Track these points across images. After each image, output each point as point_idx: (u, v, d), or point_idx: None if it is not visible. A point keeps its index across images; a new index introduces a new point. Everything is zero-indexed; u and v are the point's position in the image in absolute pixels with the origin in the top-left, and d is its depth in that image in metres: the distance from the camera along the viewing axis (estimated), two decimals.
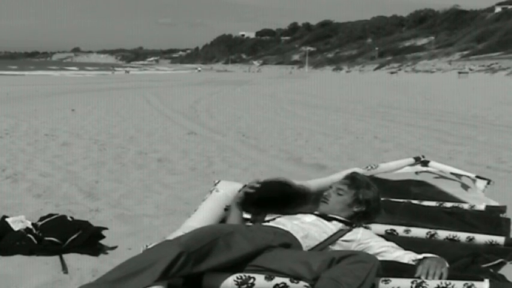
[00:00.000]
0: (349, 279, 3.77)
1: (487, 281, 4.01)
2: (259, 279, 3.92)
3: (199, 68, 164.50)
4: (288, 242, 4.25)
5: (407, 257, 4.35)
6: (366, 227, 4.82)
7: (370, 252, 4.38)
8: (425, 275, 4.04)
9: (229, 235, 4.07)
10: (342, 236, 4.50)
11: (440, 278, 4.00)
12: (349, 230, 4.57)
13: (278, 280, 3.92)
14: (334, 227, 4.55)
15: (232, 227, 4.29)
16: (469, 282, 3.98)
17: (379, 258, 4.17)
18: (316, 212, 4.66)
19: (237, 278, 3.93)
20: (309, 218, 4.56)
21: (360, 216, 4.74)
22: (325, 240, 4.44)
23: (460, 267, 4.40)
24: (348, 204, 4.70)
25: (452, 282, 4.00)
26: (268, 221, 4.57)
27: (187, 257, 3.73)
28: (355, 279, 3.78)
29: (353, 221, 4.69)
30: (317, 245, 4.39)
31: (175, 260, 3.69)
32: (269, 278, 3.92)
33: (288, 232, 4.35)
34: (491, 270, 4.44)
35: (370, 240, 4.55)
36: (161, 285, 3.65)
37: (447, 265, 4.14)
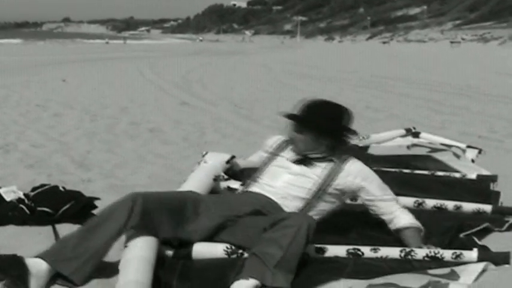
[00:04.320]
0: (270, 250, 3.66)
1: (475, 249, 4.06)
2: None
3: (201, 38, 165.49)
4: (259, 208, 4.18)
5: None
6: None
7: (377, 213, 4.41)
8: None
9: (197, 204, 4.16)
10: (329, 185, 4.32)
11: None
12: (335, 169, 4.34)
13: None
14: (317, 172, 4.34)
15: (202, 197, 4.36)
16: (458, 251, 4.03)
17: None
18: (297, 158, 4.41)
19: (226, 248, 4.00)
20: (292, 169, 4.38)
21: (336, 144, 4.40)
22: (312, 198, 4.30)
23: (445, 241, 4.43)
24: (312, 140, 4.35)
25: (441, 251, 4.04)
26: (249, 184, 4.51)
27: (143, 206, 3.91)
28: (277, 250, 3.66)
29: (335, 154, 4.40)
30: (305, 206, 4.29)
31: (132, 207, 3.89)
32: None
33: (263, 197, 4.29)
34: (476, 240, 4.46)
35: (375, 197, 4.40)
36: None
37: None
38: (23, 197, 5.23)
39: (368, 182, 4.38)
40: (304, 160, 4.37)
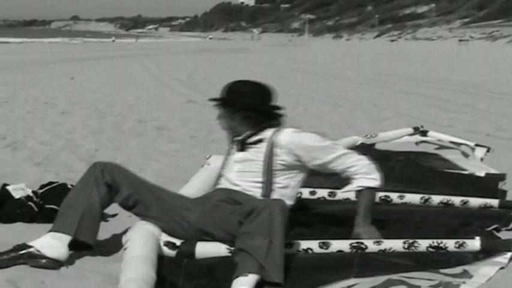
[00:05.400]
0: (255, 242, 3.69)
1: (478, 238, 4.06)
2: None
3: (211, 36, 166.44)
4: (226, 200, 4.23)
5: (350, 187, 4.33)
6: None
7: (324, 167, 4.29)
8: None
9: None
10: (273, 163, 4.24)
11: None
12: (269, 146, 4.25)
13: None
14: (257, 153, 4.29)
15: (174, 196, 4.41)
16: (461, 240, 4.03)
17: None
18: (238, 144, 4.38)
19: (230, 246, 3.99)
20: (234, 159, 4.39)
21: (256, 117, 4.31)
22: (266, 179, 4.25)
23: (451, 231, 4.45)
24: (229, 117, 4.39)
25: (444, 240, 4.04)
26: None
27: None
28: (261, 239, 3.68)
29: (260, 127, 4.32)
30: (264, 187, 4.26)
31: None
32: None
33: (227, 191, 4.30)
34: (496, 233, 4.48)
35: (321, 162, 4.25)
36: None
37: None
38: (31, 194, 5.25)
39: (306, 151, 4.24)
40: (242, 145, 4.36)
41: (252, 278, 3.59)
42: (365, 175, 4.26)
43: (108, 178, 4.18)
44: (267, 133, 4.29)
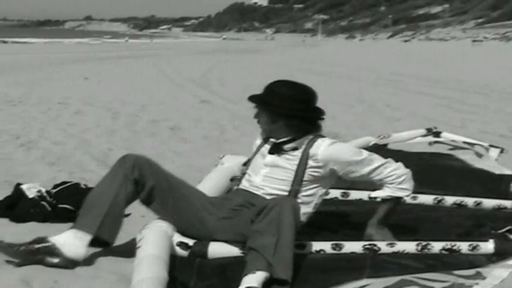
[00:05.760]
0: (264, 240, 3.66)
1: (491, 241, 4.06)
2: None
3: (224, 36, 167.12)
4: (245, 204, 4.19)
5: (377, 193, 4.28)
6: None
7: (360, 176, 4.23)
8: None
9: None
10: (303, 173, 4.16)
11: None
12: (304, 156, 4.16)
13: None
14: (289, 161, 4.19)
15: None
16: (474, 243, 4.03)
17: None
18: (270, 146, 4.29)
19: (242, 246, 3.98)
20: (265, 162, 4.29)
21: (298, 125, 4.18)
22: (292, 188, 4.17)
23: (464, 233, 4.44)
24: (269, 121, 4.22)
25: (458, 243, 4.04)
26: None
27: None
28: (270, 237, 3.66)
29: (304, 137, 4.20)
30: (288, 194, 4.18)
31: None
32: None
33: (248, 195, 4.25)
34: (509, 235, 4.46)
35: (356, 175, 4.19)
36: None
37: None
38: (45, 194, 5.27)
39: (342, 166, 4.17)
40: (275, 148, 4.25)
41: (260, 275, 3.58)
42: (398, 185, 4.20)
43: (136, 174, 4.14)
44: (304, 141, 4.20)
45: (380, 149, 6.78)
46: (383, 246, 4.04)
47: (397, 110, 13.01)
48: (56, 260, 3.98)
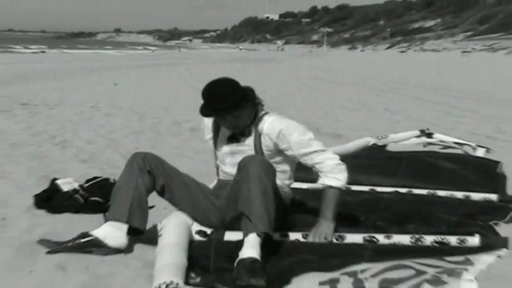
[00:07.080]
0: (241, 202, 3.71)
1: (477, 235, 4.04)
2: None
3: (241, 47, 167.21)
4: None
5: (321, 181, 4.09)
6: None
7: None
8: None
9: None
10: (262, 151, 4.11)
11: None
12: (255, 135, 4.14)
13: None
14: (248, 143, 4.17)
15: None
16: (462, 237, 4.02)
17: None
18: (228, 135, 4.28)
19: None
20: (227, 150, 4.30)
21: (250, 107, 4.16)
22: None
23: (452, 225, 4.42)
24: (236, 117, 4.13)
25: (447, 237, 4.03)
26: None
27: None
28: (243, 197, 3.70)
29: (254, 116, 4.17)
30: None
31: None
32: None
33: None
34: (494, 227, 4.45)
35: (293, 153, 4.06)
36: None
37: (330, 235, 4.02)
38: (78, 187, 5.29)
39: (281, 141, 4.05)
40: (233, 136, 4.23)
41: (250, 239, 3.59)
42: (330, 174, 4.01)
43: (148, 166, 4.14)
44: (257, 121, 4.17)
45: (379, 149, 6.78)
46: (381, 238, 4.04)
47: (396, 113, 12.95)
48: (103, 251, 3.97)
